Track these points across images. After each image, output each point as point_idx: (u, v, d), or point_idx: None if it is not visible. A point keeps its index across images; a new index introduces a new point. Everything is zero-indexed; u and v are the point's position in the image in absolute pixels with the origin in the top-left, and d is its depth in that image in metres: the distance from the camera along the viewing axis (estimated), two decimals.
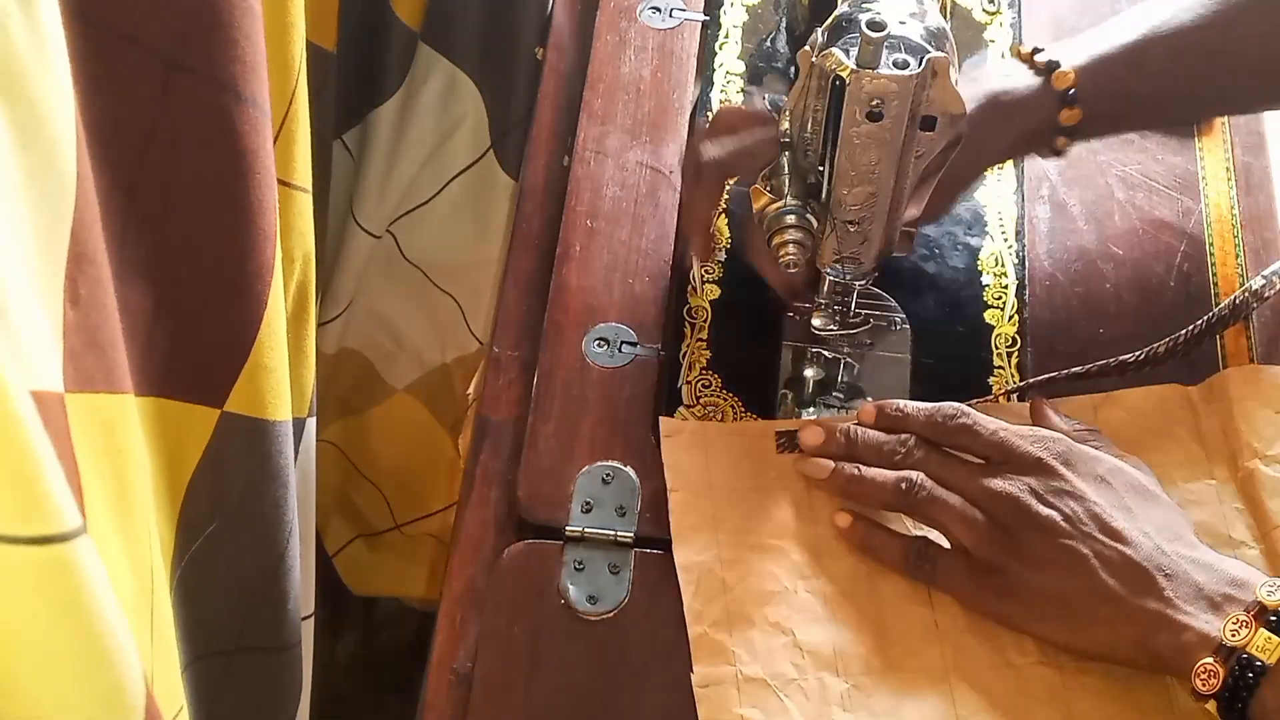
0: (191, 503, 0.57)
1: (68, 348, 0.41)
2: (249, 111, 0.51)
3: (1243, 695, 0.58)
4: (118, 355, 0.45)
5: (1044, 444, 0.66)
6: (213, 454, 0.57)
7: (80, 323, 0.42)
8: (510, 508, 0.72)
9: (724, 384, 0.75)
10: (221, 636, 0.64)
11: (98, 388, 0.43)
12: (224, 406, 0.56)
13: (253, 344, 0.55)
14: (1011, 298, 0.79)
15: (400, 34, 0.93)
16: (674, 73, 0.87)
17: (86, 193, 0.42)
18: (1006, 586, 0.64)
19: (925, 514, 0.67)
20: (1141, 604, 0.61)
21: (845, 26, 0.63)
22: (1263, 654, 0.58)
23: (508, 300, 0.80)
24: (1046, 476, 0.64)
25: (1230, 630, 0.59)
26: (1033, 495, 0.64)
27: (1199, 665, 0.59)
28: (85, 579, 0.38)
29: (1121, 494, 0.64)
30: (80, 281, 0.42)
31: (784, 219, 0.67)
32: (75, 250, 0.41)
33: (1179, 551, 0.62)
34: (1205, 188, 0.82)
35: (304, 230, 0.64)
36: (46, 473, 0.36)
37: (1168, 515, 0.65)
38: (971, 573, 0.66)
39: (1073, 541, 0.63)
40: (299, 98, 0.60)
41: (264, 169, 0.53)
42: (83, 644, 0.39)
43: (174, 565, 0.58)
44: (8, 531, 0.36)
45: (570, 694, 0.66)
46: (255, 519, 0.62)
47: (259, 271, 0.55)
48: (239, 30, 0.49)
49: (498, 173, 0.98)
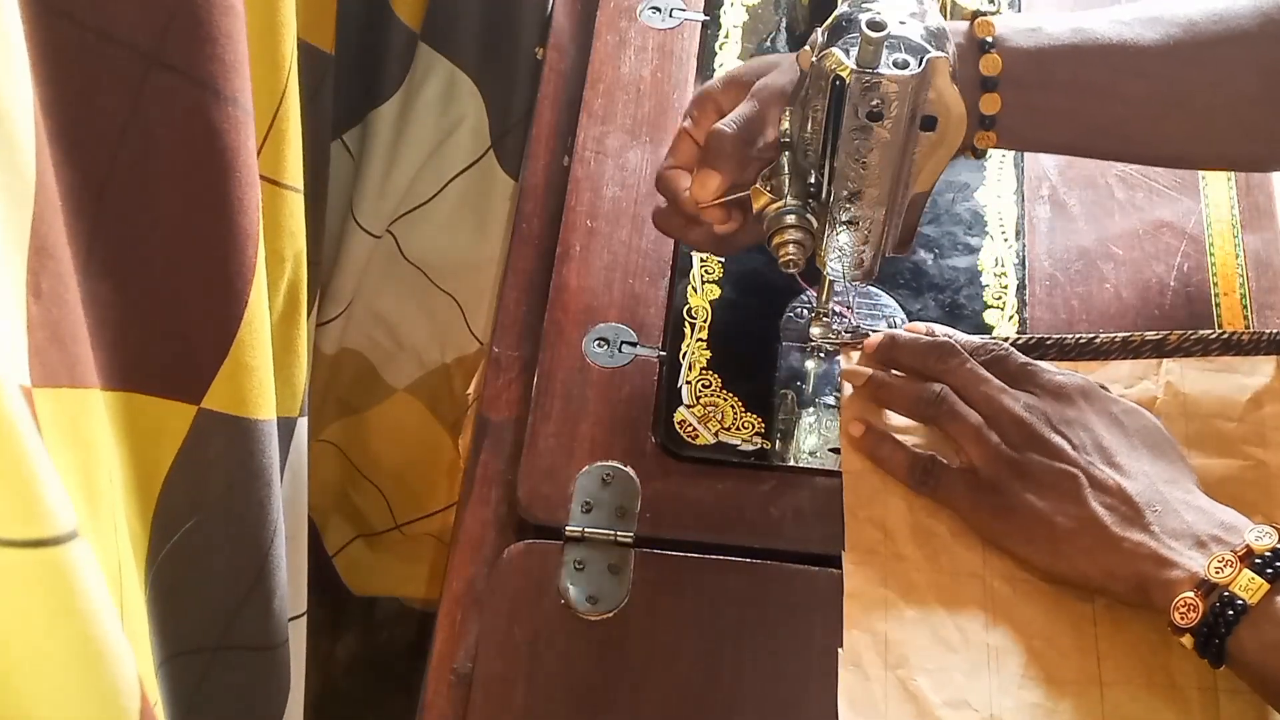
0: (168, 498, 0.57)
1: (32, 343, 0.41)
2: (229, 110, 0.51)
3: (1220, 632, 0.59)
4: (80, 350, 0.45)
5: (1069, 377, 0.68)
6: (190, 450, 0.57)
7: (43, 318, 0.42)
8: (510, 508, 0.72)
9: (724, 384, 0.75)
10: (201, 633, 0.64)
11: (61, 383, 0.43)
12: (201, 403, 0.56)
13: (232, 342, 0.55)
14: (1011, 298, 0.79)
15: (400, 34, 0.93)
16: (674, 73, 0.87)
17: (47, 186, 0.42)
18: (1003, 505, 0.66)
19: (944, 426, 0.69)
20: (1127, 535, 0.63)
21: (845, 26, 0.63)
22: (1245, 593, 0.59)
23: (508, 300, 0.80)
24: (1063, 405, 0.67)
25: (1214, 568, 0.60)
26: (1045, 420, 0.66)
27: (1179, 599, 0.60)
28: (80, 581, 0.38)
29: (1131, 434, 0.66)
30: (42, 275, 0.41)
31: (784, 219, 0.67)
32: (36, 244, 0.41)
33: (1174, 494, 0.64)
34: (1205, 188, 0.82)
35: (295, 230, 0.64)
36: (42, 475, 0.36)
37: (1172, 463, 0.66)
38: (972, 489, 0.68)
39: (1072, 468, 0.65)
40: (290, 96, 0.60)
41: (245, 168, 0.53)
42: (78, 646, 0.39)
43: (149, 560, 0.58)
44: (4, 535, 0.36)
45: (570, 694, 0.66)
46: (236, 516, 0.62)
47: (239, 270, 0.54)
48: (218, 29, 0.49)
49: (498, 173, 0.98)
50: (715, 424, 0.74)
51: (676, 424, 0.74)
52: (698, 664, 0.67)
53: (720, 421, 0.74)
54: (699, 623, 0.68)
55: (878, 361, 0.73)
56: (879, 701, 0.64)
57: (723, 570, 0.69)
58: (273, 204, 0.61)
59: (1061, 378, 0.68)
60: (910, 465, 0.70)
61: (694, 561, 0.70)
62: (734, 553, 0.70)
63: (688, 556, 0.70)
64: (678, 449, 0.73)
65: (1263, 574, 0.59)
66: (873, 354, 0.73)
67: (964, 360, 0.70)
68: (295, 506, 0.75)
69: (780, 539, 0.71)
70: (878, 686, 0.65)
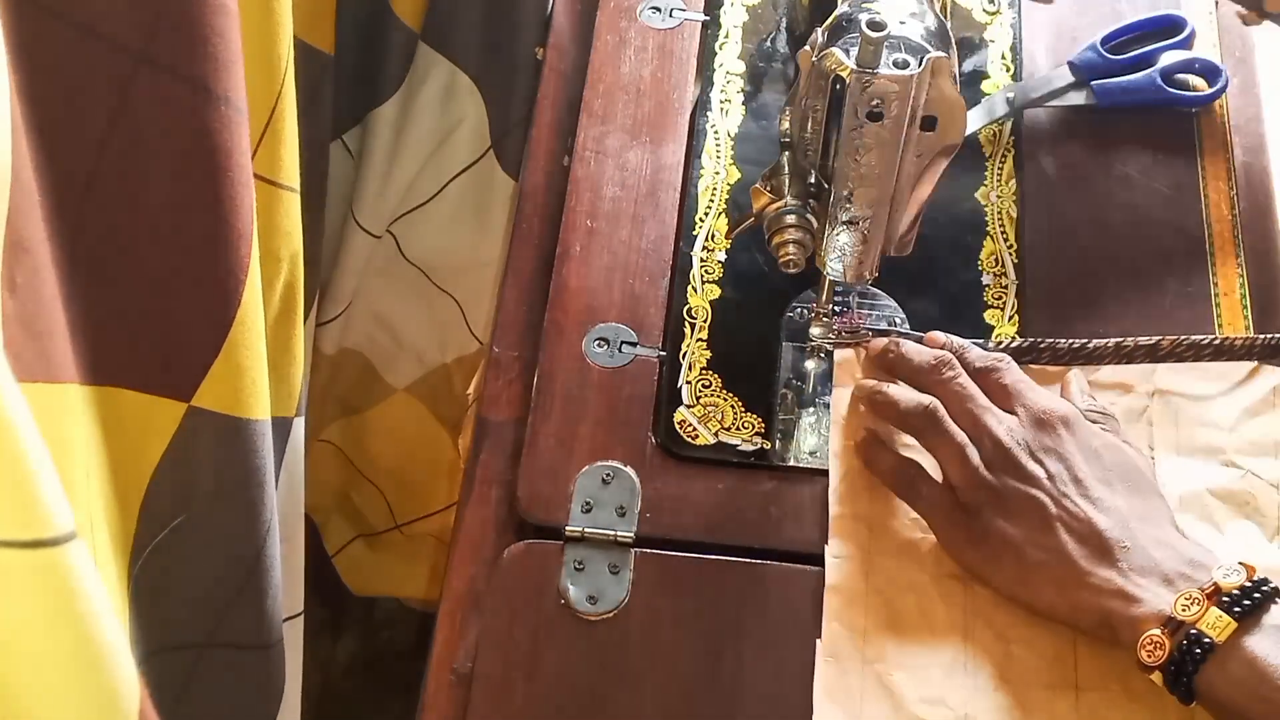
0: (155, 493, 0.57)
1: (7, 336, 0.41)
2: (221, 109, 0.51)
3: (1188, 670, 0.59)
4: (57, 345, 0.45)
5: (1053, 404, 0.67)
6: (179, 447, 0.57)
7: (18, 312, 0.41)
8: (510, 508, 0.72)
9: (724, 384, 0.75)
10: (189, 630, 0.64)
11: (35, 378, 0.43)
12: (191, 400, 0.56)
13: (224, 341, 0.55)
14: (1011, 298, 0.79)
15: (400, 34, 0.93)
16: (674, 73, 0.87)
17: (24, 181, 0.42)
18: (977, 529, 0.66)
19: (929, 442, 0.69)
20: (1094, 569, 0.62)
21: (845, 26, 0.63)
22: (1212, 631, 0.58)
23: (508, 300, 0.80)
24: (1044, 432, 0.66)
25: (1181, 605, 0.60)
26: (1024, 447, 0.66)
27: (1146, 636, 0.60)
28: (79, 583, 0.38)
29: (1108, 469, 0.66)
30: (16, 270, 0.41)
31: (784, 219, 0.67)
32: (10, 238, 0.41)
33: (1145, 530, 0.64)
34: (1205, 188, 0.82)
35: (291, 230, 0.64)
36: (40, 475, 0.36)
37: (1148, 501, 0.66)
38: (951, 511, 0.68)
39: (1045, 498, 0.64)
40: (286, 96, 0.60)
41: (238, 167, 0.53)
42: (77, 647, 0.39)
43: (134, 555, 0.58)
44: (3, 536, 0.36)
45: (570, 694, 0.66)
46: (227, 514, 0.62)
47: (232, 270, 0.54)
48: (210, 27, 0.49)
49: (498, 173, 0.98)
50: (715, 424, 0.74)
51: (676, 424, 0.74)
52: (698, 664, 0.67)
53: (720, 421, 0.74)
54: (699, 623, 0.68)
55: (876, 366, 0.73)
56: (855, 694, 0.65)
57: (723, 570, 0.69)
58: (268, 204, 0.61)
59: (1046, 403, 0.67)
60: (895, 471, 0.70)
61: (694, 561, 0.70)
62: (734, 553, 0.70)
63: (688, 556, 0.70)
64: (678, 449, 0.73)
65: (1230, 612, 0.58)
66: (873, 358, 0.73)
67: (957, 375, 0.69)
68: (292, 506, 0.74)
69: (780, 539, 0.71)
70: (854, 679, 0.65)
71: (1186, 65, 0.85)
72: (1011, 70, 0.88)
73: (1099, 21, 0.88)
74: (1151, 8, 0.89)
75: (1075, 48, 0.87)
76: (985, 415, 0.67)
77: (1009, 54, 0.88)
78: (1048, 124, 0.85)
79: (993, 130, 0.85)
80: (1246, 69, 0.87)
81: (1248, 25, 0.85)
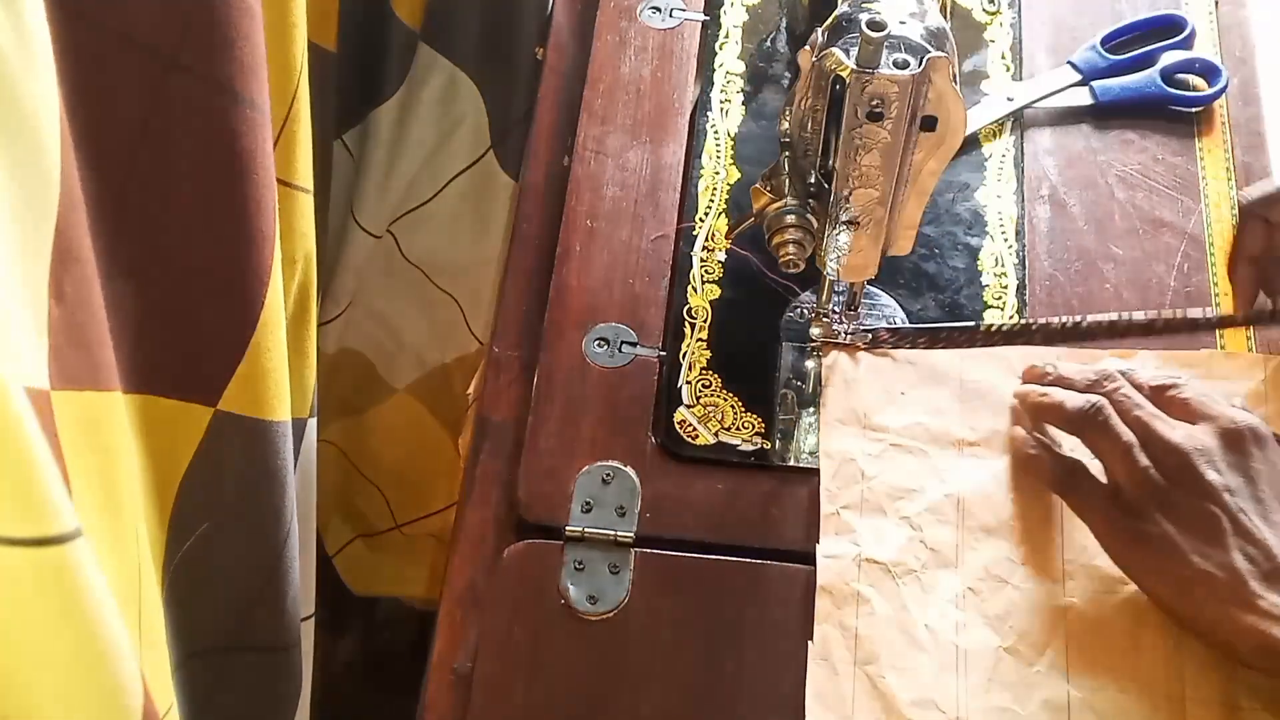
0: (184, 500, 0.57)
1: (53, 345, 0.41)
2: (246, 112, 0.51)
3: None
4: (104, 353, 0.45)
5: (1245, 418, 0.64)
6: (206, 452, 0.57)
7: (65, 320, 0.42)
8: (510, 508, 0.72)
9: (724, 384, 0.75)
10: (216, 634, 0.64)
11: (83, 385, 0.43)
12: (218, 405, 0.56)
13: (249, 344, 0.55)
14: (1011, 298, 0.79)
15: (400, 34, 0.93)
16: (674, 73, 0.87)
17: (71, 190, 0.42)
18: (1140, 532, 0.63)
19: (1095, 441, 0.66)
20: (1265, 594, 0.59)
21: (845, 26, 0.63)
22: None
23: (508, 300, 0.80)
24: (1231, 448, 0.63)
25: None
26: (1207, 459, 0.63)
27: None
28: (83, 580, 0.38)
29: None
30: (65, 279, 0.41)
31: (784, 219, 0.67)
32: (60, 247, 0.41)
33: None
34: (1205, 188, 0.82)
35: (305, 231, 0.64)
36: (45, 473, 0.36)
37: None
38: (1111, 510, 0.65)
39: (1220, 511, 0.61)
40: (300, 98, 0.60)
41: (263, 170, 0.53)
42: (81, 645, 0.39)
43: (165, 563, 0.58)
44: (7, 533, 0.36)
45: (570, 694, 0.66)
46: (251, 518, 0.62)
47: (256, 272, 0.54)
48: (237, 30, 0.49)
49: (498, 173, 0.98)
50: (715, 424, 0.74)
51: (676, 424, 0.74)
52: (698, 664, 0.67)
53: (720, 421, 0.74)
54: (699, 623, 0.68)
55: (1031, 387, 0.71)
56: (846, 697, 0.65)
57: (723, 570, 0.69)
58: (285, 205, 0.61)
59: (1237, 416, 0.64)
60: (1054, 465, 0.68)
61: (694, 561, 0.70)
62: (734, 553, 0.70)
63: (688, 556, 0.70)
64: (678, 449, 0.73)
65: None
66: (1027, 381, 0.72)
67: (1120, 385, 0.67)
68: (305, 507, 0.74)
69: (780, 539, 0.71)
70: (846, 682, 0.65)
71: (1186, 65, 0.86)
72: (1011, 70, 0.88)
73: (1099, 21, 0.88)
74: (1151, 8, 0.89)
75: (1075, 48, 0.87)
76: (1154, 421, 0.65)
77: (1009, 54, 0.88)
78: (1048, 124, 0.85)
79: (993, 130, 0.85)
80: (1246, 69, 0.87)
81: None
